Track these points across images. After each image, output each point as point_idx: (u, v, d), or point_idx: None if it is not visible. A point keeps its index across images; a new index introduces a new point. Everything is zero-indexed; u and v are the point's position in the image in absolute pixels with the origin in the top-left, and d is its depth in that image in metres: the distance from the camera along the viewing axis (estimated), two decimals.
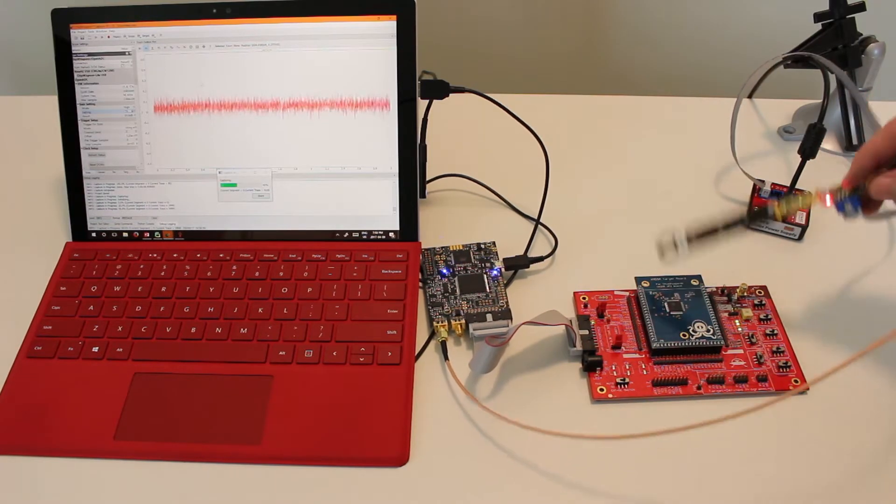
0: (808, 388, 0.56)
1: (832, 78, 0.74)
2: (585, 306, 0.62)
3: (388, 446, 0.53)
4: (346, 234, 0.67)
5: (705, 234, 0.57)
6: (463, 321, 0.60)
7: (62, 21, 0.66)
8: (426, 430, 0.55)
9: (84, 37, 0.66)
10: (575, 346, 0.58)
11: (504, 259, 0.65)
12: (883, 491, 0.50)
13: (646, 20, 1.04)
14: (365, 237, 0.66)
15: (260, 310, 0.61)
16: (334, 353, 0.58)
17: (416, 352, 0.59)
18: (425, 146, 0.67)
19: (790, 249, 0.68)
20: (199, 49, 0.65)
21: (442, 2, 1.00)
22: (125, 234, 0.68)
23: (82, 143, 0.67)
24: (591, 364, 0.57)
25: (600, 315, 0.61)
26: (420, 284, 0.64)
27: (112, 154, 0.67)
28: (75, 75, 0.66)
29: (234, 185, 0.66)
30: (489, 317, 0.60)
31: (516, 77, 1.09)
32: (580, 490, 0.51)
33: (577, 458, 0.53)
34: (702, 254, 0.66)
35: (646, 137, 0.80)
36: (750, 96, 0.85)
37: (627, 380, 0.56)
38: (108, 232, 0.68)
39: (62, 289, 0.63)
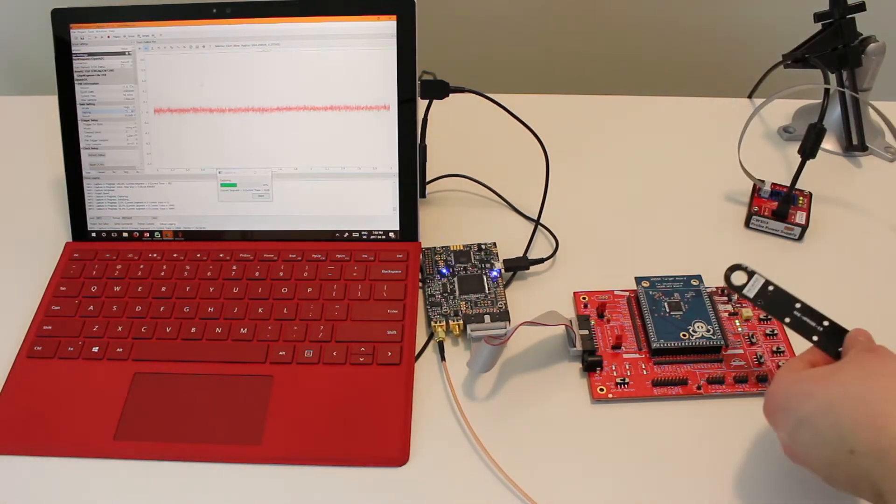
0: None
1: (832, 78, 0.74)
2: (585, 306, 0.62)
3: (388, 446, 0.53)
4: (346, 234, 0.66)
5: (774, 302, 0.51)
6: (461, 322, 0.60)
7: (62, 21, 0.66)
8: (426, 430, 0.54)
9: (84, 37, 0.66)
10: (575, 346, 0.58)
11: (504, 260, 0.65)
12: None
13: (646, 20, 1.04)
14: (365, 237, 0.66)
15: (260, 310, 0.61)
16: (334, 353, 0.58)
17: (417, 352, 0.59)
18: (425, 146, 0.67)
19: (790, 249, 0.68)
20: (199, 49, 0.65)
21: (442, 2, 1.00)
22: (125, 234, 0.68)
23: (82, 143, 0.67)
24: (591, 364, 0.57)
25: (600, 315, 0.61)
26: (420, 284, 0.64)
27: (112, 154, 0.67)
28: (75, 75, 0.66)
29: (234, 185, 0.66)
30: (487, 318, 0.60)
31: (516, 77, 1.09)
32: (580, 489, 0.51)
33: (573, 458, 0.53)
34: (701, 253, 0.66)
35: (646, 137, 0.80)
36: (750, 96, 0.85)
37: (627, 380, 0.56)
38: (108, 232, 0.68)
39: (62, 289, 0.63)
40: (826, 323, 0.48)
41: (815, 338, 0.49)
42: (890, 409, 0.40)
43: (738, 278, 0.52)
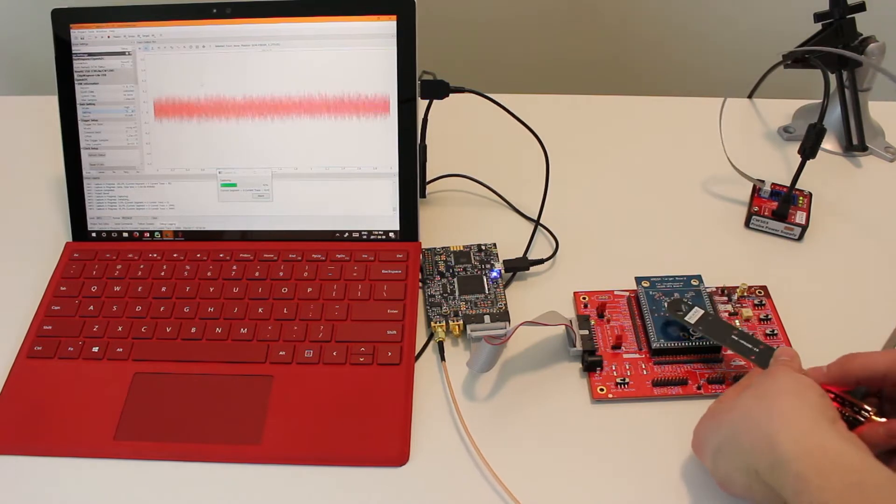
0: None
1: (832, 78, 0.74)
2: (585, 306, 0.62)
3: (388, 446, 0.53)
4: (346, 234, 0.67)
5: (713, 329, 0.56)
6: (461, 322, 0.60)
7: (62, 21, 0.66)
8: (426, 430, 0.54)
9: (84, 37, 0.66)
10: (575, 346, 0.58)
11: (504, 261, 0.65)
12: None
13: (646, 20, 1.04)
14: (365, 237, 0.66)
15: (260, 310, 0.61)
16: (334, 353, 0.58)
17: (417, 352, 0.59)
18: (425, 146, 0.67)
19: (790, 249, 0.68)
20: (199, 49, 0.65)
21: (442, 2, 1.00)
22: (125, 234, 0.68)
23: (82, 143, 0.67)
24: (591, 364, 0.57)
25: (600, 315, 0.61)
26: (420, 284, 0.64)
27: (112, 154, 0.67)
28: (75, 75, 0.66)
29: (234, 185, 0.66)
30: (487, 318, 0.60)
31: (516, 77, 1.09)
32: (580, 489, 0.51)
33: (573, 458, 0.53)
34: (701, 253, 0.66)
35: (646, 137, 0.80)
36: (750, 96, 0.85)
37: (627, 380, 0.56)
38: (108, 232, 0.68)
39: (62, 289, 0.63)
40: (760, 347, 0.53)
41: (752, 357, 0.52)
42: (778, 427, 0.42)
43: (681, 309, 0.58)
